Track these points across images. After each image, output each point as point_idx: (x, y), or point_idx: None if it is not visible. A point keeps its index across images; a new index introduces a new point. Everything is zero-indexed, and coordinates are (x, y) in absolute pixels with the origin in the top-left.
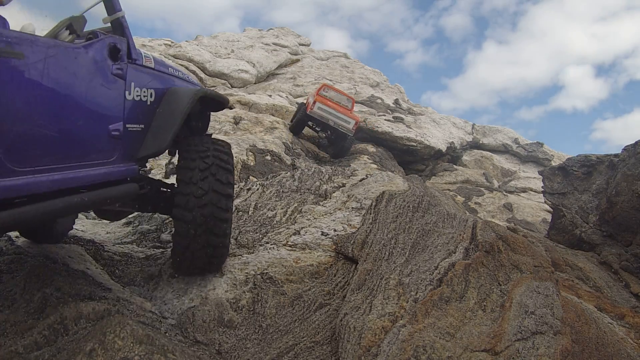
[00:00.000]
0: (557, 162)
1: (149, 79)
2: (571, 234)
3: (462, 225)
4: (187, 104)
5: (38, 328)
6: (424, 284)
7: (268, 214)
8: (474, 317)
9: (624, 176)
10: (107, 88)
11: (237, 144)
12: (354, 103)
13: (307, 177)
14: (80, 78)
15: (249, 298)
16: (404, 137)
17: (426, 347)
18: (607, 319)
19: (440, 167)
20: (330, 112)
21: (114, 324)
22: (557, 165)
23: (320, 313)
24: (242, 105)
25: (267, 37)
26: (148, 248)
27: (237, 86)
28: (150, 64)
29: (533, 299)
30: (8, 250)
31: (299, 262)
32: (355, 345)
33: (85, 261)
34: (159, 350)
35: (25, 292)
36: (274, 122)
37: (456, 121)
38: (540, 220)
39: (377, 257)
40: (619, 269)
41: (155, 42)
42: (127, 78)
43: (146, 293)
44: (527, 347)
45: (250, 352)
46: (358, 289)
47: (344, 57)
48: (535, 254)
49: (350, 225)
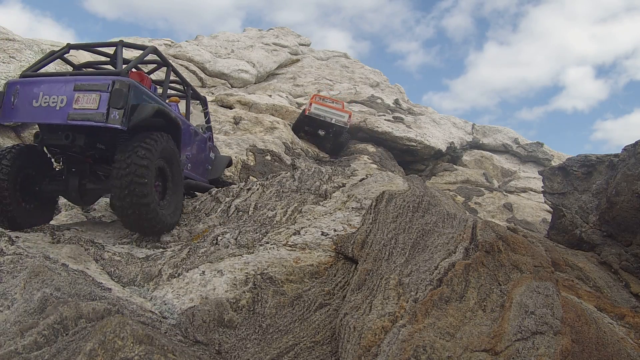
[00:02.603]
0: (557, 162)
1: (214, 148)
2: (571, 234)
3: (462, 225)
4: (226, 161)
5: (38, 328)
6: (424, 284)
7: (268, 214)
8: (474, 317)
9: (624, 176)
10: (206, 152)
11: (237, 144)
12: (343, 105)
13: (307, 177)
14: (202, 146)
15: (249, 298)
16: (404, 137)
17: (426, 347)
18: (607, 319)
19: (440, 167)
20: (325, 110)
21: (114, 324)
22: (557, 165)
23: (320, 313)
24: (242, 105)
25: (267, 37)
26: (148, 248)
27: (237, 86)
28: (215, 145)
29: (533, 299)
30: (8, 250)
31: (299, 262)
32: (355, 345)
33: (85, 261)
34: (159, 350)
35: (25, 292)
36: (274, 122)
37: (456, 121)
38: (540, 220)
39: (377, 257)
40: (619, 269)
41: (155, 42)
42: (210, 149)
43: (146, 293)
44: (527, 347)
45: (250, 352)
46: (358, 289)
47: (344, 57)
48: (535, 254)
49: (350, 225)
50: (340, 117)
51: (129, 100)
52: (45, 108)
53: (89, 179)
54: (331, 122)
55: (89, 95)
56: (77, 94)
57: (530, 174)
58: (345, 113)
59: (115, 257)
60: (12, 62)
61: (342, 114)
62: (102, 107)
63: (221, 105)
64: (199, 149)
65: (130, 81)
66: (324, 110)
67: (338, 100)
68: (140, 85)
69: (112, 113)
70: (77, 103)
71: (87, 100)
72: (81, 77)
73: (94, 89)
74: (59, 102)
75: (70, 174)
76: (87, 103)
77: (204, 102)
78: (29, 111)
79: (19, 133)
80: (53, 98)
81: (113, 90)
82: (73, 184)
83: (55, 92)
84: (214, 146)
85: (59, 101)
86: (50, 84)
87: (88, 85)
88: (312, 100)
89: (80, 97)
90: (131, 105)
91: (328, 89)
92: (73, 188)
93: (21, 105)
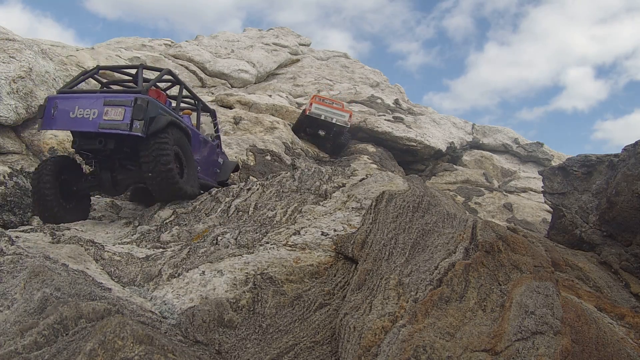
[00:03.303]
0: (557, 162)
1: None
2: (571, 234)
3: (462, 225)
4: (233, 166)
5: (38, 328)
6: (424, 284)
7: (268, 214)
8: (474, 317)
9: (624, 176)
10: (215, 156)
11: (237, 144)
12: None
13: (307, 177)
14: (211, 152)
15: (249, 298)
16: (404, 137)
17: (426, 347)
18: (607, 319)
19: (440, 167)
20: (326, 110)
21: (114, 324)
22: (557, 165)
23: (320, 313)
24: (242, 105)
25: (267, 37)
26: (148, 248)
27: (237, 86)
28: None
29: (533, 299)
30: (8, 250)
31: (299, 262)
32: (355, 345)
33: (85, 261)
34: (159, 350)
35: (25, 292)
36: (274, 122)
37: (456, 121)
38: (540, 220)
39: (377, 257)
40: (619, 269)
41: (155, 42)
42: (219, 154)
43: (146, 293)
44: (527, 347)
45: (250, 352)
46: (358, 289)
47: (344, 57)
48: (535, 254)
49: (350, 225)
50: (341, 116)
51: (147, 113)
52: (80, 119)
53: (118, 172)
54: (332, 122)
55: (116, 109)
56: (106, 108)
57: (530, 174)
58: (346, 113)
59: (115, 257)
60: (12, 62)
61: (342, 113)
62: (127, 119)
63: (221, 105)
64: (208, 154)
65: (148, 98)
66: (324, 110)
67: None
68: (157, 101)
69: (135, 123)
70: (106, 115)
71: (114, 113)
72: (109, 94)
73: (120, 104)
74: (91, 114)
75: (103, 170)
76: (114, 115)
77: (213, 115)
78: (66, 121)
79: (18, 133)
80: (87, 111)
81: (135, 105)
82: (106, 177)
83: (89, 106)
84: (223, 152)
85: (91, 113)
86: (84, 99)
87: (115, 100)
88: (312, 101)
89: (109, 110)
90: (149, 117)
91: (328, 89)
92: (107, 181)
93: (60, 116)
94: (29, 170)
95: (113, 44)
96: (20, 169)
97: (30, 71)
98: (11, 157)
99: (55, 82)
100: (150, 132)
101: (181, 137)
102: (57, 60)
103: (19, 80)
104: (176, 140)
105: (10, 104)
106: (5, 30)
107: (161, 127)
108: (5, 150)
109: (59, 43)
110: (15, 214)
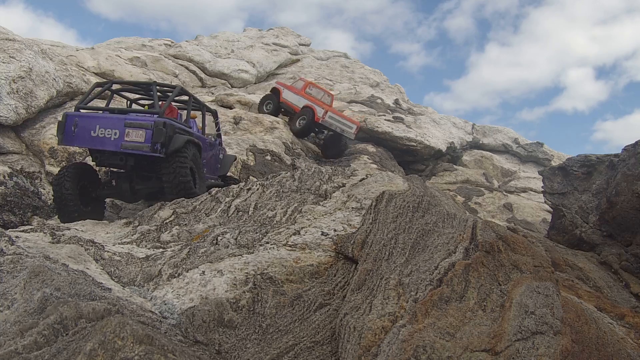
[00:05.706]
0: (557, 162)
1: (222, 150)
2: (571, 234)
3: (462, 225)
4: (232, 159)
5: (38, 328)
6: (424, 284)
7: (268, 214)
8: (474, 317)
9: (624, 176)
10: (217, 154)
11: (237, 144)
12: (333, 98)
13: (307, 177)
14: (215, 151)
15: (249, 298)
16: (404, 137)
17: (426, 347)
18: (607, 319)
19: (440, 167)
20: (338, 119)
21: (114, 324)
22: (557, 166)
23: (320, 313)
24: (242, 105)
25: (267, 37)
26: (148, 248)
27: (237, 86)
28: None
29: (533, 299)
30: (8, 250)
31: (299, 262)
32: (355, 345)
33: (85, 261)
34: (159, 350)
35: (25, 292)
36: (274, 122)
37: (456, 121)
38: (540, 220)
39: (377, 257)
40: (619, 269)
41: (155, 42)
42: (220, 151)
43: (146, 293)
44: (527, 347)
45: (250, 352)
46: (358, 289)
47: (344, 57)
48: (535, 254)
49: (350, 225)
50: (349, 128)
51: (166, 134)
52: (102, 138)
53: (136, 182)
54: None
55: (137, 131)
56: (127, 129)
57: (530, 174)
58: (354, 124)
59: (115, 257)
60: (12, 62)
61: (351, 124)
62: (147, 141)
63: (221, 105)
64: (212, 153)
65: (166, 120)
66: (336, 120)
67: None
68: (173, 121)
69: (155, 145)
70: (128, 136)
71: (135, 134)
72: (129, 115)
73: (141, 126)
74: (113, 135)
75: (122, 180)
76: (136, 137)
77: (215, 115)
78: (88, 139)
79: (18, 133)
80: (108, 131)
81: (155, 129)
82: (125, 187)
83: (110, 126)
84: (223, 147)
85: (113, 134)
86: (105, 119)
87: (136, 123)
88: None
89: (130, 132)
90: (168, 137)
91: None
92: (125, 189)
93: (81, 133)
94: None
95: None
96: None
97: (30, 71)
98: (11, 157)
99: (55, 82)
100: (169, 151)
101: (195, 152)
102: (57, 60)
103: (19, 80)
104: (192, 157)
105: (10, 104)
106: (5, 30)
107: (179, 147)
108: (5, 150)
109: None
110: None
